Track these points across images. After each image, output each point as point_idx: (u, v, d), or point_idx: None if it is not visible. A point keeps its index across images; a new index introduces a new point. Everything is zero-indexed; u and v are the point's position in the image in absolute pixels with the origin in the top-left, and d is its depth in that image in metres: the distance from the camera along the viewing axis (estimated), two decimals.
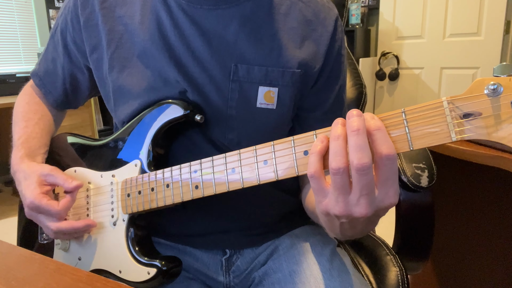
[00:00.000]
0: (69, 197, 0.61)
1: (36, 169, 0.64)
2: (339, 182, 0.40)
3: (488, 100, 0.37)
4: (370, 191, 0.39)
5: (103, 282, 0.42)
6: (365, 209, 0.40)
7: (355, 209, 0.40)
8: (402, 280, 0.74)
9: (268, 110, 0.63)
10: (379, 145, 0.39)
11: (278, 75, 0.62)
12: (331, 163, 0.40)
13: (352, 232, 0.46)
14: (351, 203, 0.40)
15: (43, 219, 0.62)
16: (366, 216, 0.40)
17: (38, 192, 0.61)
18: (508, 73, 0.36)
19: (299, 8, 0.65)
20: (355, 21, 3.24)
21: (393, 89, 3.27)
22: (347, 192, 0.40)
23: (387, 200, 0.40)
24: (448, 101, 0.38)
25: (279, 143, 0.47)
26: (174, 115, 0.60)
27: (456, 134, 0.38)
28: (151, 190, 0.58)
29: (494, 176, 1.04)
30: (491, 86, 0.36)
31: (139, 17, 0.64)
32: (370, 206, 0.40)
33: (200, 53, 0.61)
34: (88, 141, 0.72)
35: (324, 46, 0.65)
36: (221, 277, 0.69)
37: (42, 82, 0.76)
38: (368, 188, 0.39)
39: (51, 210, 0.60)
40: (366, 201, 0.40)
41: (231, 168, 0.51)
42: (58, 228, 0.60)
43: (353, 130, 0.39)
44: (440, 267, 1.24)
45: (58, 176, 0.62)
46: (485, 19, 2.73)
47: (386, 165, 0.39)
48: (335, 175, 0.40)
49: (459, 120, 0.38)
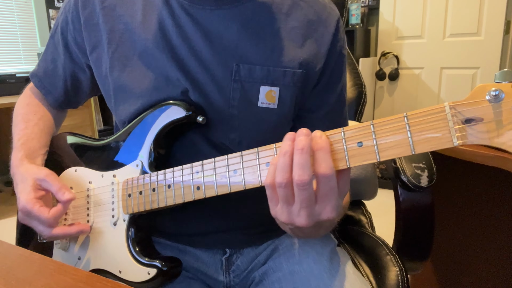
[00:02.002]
0: (61, 207, 0.60)
1: (32, 172, 0.63)
2: (282, 194, 0.44)
3: (489, 106, 0.37)
4: (309, 204, 0.44)
5: (103, 282, 0.42)
6: (305, 220, 0.44)
7: (296, 219, 0.45)
8: (402, 280, 0.74)
9: (270, 110, 0.63)
10: (318, 164, 0.42)
11: (280, 74, 0.62)
12: (276, 177, 0.44)
13: (302, 236, 0.53)
14: (293, 213, 0.45)
15: (36, 224, 0.61)
16: (307, 226, 0.45)
17: (32, 197, 0.60)
18: (510, 80, 0.37)
19: (300, 8, 0.65)
20: (355, 21, 3.24)
21: (393, 89, 3.27)
22: (290, 203, 0.45)
23: (324, 215, 0.44)
24: (450, 106, 0.39)
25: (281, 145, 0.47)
26: (176, 116, 0.60)
27: (458, 139, 0.38)
28: (152, 191, 0.58)
29: (494, 176, 1.03)
30: (492, 92, 0.37)
31: (141, 16, 0.64)
32: (310, 218, 0.44)
33: (202, 53, 0.62)
34: (89, 141, 0.72)
35: (326, 46, 0.65)
36: (221, 276, 0.69)
37: (41, 83, 0.76)
38: (307, 201, 0.43)
39: (41, 217, 0.59)
40: (305, 213, 0.44)
41: (233, 169, 0.51)
42: (50, 234, 0.61)
43: (297, 149, 0.43)
44: (440, 267, 1.24)
45: (53, 183, 0.61)
46: (485, 19, 2.73)
47: (323, 182, 0.43)
48: (279, 188, 0.44)
49: (461, 125, 0.38)
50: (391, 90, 3.29)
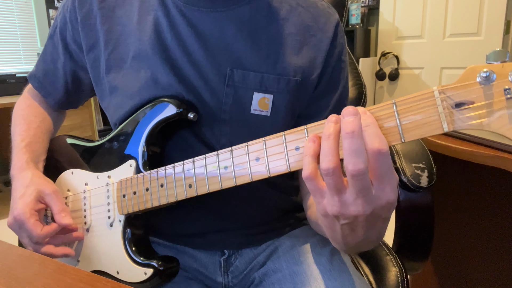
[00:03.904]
0: (55, 227, 0.60)
1: (39, 182, 0.63)
2: (331, 182, 0.39)
3: (480, 88, 0.35)
4: (367, 193, 0.38)
5: (103, 282, 0.42)
6: (362, 207, 0.39)
7: (351, 208, 0.39)
8: (402, 280, 0.74)
9: (262, 117, 0.62)
10: (371, 141, 0.37)
11: (274, 82, 0.61)
12: (321, 164, 0.39)
13: (353, 238, 0.44)
14: (347, 202, 0.39)
15: (23, 236, 0.61)
16: (363, 214, 0.39)
17: (31, 208, 0.60)
18: (502, 60, 0.35)
19: (298, 13, 0.64)
20: (355, 21, 3.24)
21: (393, 89, 3.27)
22: (342, 191, 0.39)
23: (384, 197, 0.39)
24: (439, 91, 0.37)
25: (271, 139, 0.46)
26: (168, 113, 0.59)
27: (448, 125, 0.37)
28: (145, 190, 0.58)
29: (494, 176, 1.03)
30: (483, 73, 0.35)
31: (137, 17, 0.64)
32: (367, 204, 0.39)
33: (196, 55, 0.61)
34: (84, 142, 0.72)
35: (323, 52, 0.64)
36: (219, 277, 0.69)
37: (41, 84, 0.75)
38: (364, 191, 0.38)
39: (33, 233, 0.59)
40: (362, 201, 0.39)
41: (223, 166, 0.50)
42: (35, 250, 0.60)
43: (347, 132, 0.37)
44: (440, 267, 1.24)
45: (57, 203, 0.61)
46: (485, 19, 2.73)
47: (380, 160, 0.37)
48: (326, 176, 0.38)
49: (451, 110, 0.37)
50: (391, 90, 3.29)
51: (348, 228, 0.42)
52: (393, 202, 0.40)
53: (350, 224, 0.42)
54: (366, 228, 0.42)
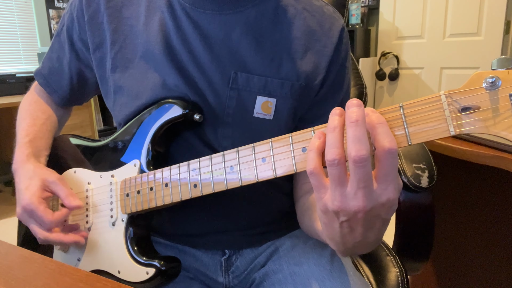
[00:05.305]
0: (65, 212, 0.61)
1: (42, 172, 0.63)
2: (335, 173, 0.39)
3: (486, 94, 0.37)
4: (368, 184, 0.38)
5: (103, 282, 0.42)
6: (362, 202, 0.39)
7: (352, 202, 0.39)
8: (402, 281, 0.74)
9: (265, 121, 0.62)
10: (382, 139, 0.38)
11: (277, 86, 0.61)
12: (327, 155, 0.39)
13: (352, 238, 0.44)
14: (348, 196, 0.39)
15: (33, 225, 0.61)
16: (363, 209, 0.39)
17: (38, 196, 0.60)
18: (507, 67, 0.36)
19: (303, 18, 0.64)
20: (355, 21, 3.24)
21: (393, 89, 3.27)
22: (344, 185, 0.39)
23: (385, 195, 0.39)
24: (446, 95, 0.38)
25: (277, 141, 0.47)
26: (173, 114, 0.60)
27: (455, 128, 0.38)
28: (150, 190, 0.58)
29: (494, 176, 1.04)
30: (489, 79, 0.36)
31: (144, 18, 0.64)
32: (368, 199, 0.39)
33: (201, 57, 0.61)
34: (87, 142, 0.72)
35: (327, 57, 0.64)
36: (220, 277, 0.69)
37: (46, 81, 0.76)
38: (365, 180, 0.38)
39: (44, 219, 0.59)
40: (363, 193, 0.39)
41: (229, 166, 0.51)
42: (46, 238, 0.60)
43: (351, 121, 0.38)
44: (440, 267, 1.24)
45: (63, 188, 0.62)
46: (485, 19, 2.73)
47: (387, 159, 0.38)
48: (331, 167, 0.39)
49: (457, 114, 0.38)
50: (391, 90, 3.29)
51: (348, 226, 0.43)
52: (394, 201, 0.40)
53: (350, 221, 0.42)
54: (365, 227, 0.42)
